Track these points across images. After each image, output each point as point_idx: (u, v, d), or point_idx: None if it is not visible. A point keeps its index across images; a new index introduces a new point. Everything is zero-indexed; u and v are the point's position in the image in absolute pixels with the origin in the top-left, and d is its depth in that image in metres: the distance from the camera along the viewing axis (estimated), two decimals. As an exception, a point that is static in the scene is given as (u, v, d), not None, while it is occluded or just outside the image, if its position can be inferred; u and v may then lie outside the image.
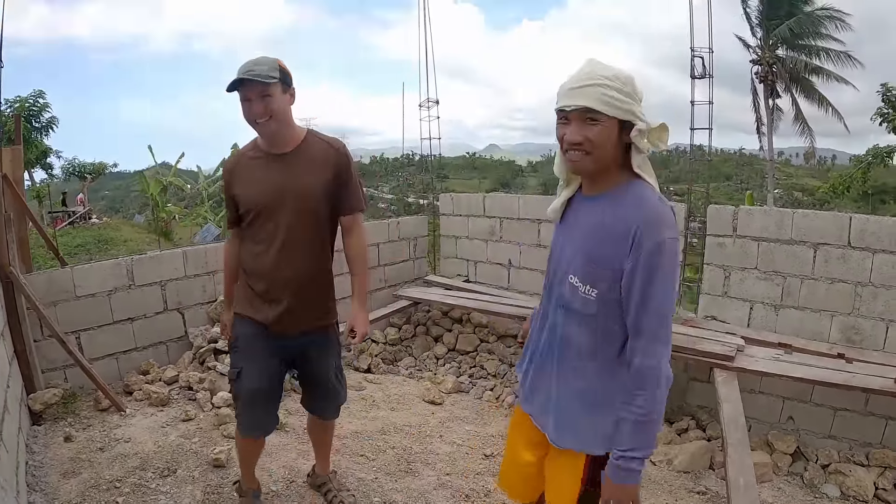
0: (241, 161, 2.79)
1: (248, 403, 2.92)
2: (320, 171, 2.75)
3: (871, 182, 26.10)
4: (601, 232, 1.88)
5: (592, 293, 1.90)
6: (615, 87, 1.77)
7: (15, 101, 18.30)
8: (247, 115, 2.60)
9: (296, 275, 2.78)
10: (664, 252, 1.78)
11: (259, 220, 2.75)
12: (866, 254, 4.79)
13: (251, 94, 2.55)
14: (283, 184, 2.70)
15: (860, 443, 4.78)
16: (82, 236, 17.94)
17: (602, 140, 1.80)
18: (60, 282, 4.75)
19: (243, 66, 2.55)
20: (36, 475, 3.58)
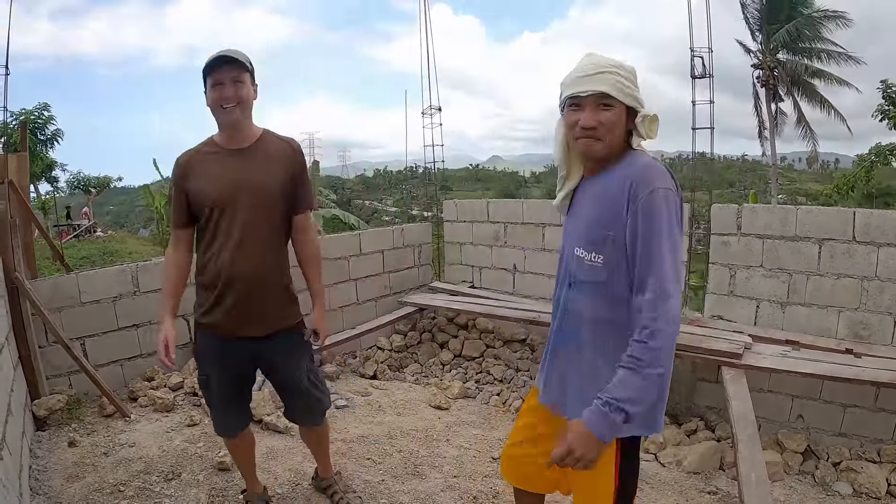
0: (196, 156, 2.74)
1: (219, 408, 3.01)
2: (278, 168, 2.77)
3: (875, 183, 26.07)
4: (600, 199, 1.95)
5: (598, 259, 1.93)
6: (624, 75, 1.90)
7: (20, 113, 18.38)
8: (215, 100, 2.60)
9: (254, 272, 2.74)
10: (656, 199, 1.80)
11: (214, 216, 2.70)
12: (871, 248, 4.76)
13: (224, 78, 2.57)
14: (241, 179, 2.68)
15: (871, 439, 4.74)
16: (87, 249, 18.02)
17: (613, 124, 1.91)
18: (66, 288, 4.77)
19: (216, 53, 2.61)
20: (40, 479, 3.58)
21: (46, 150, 19.94)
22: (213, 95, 2.59)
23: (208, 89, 2.61)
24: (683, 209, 1.91)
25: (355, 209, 52.12)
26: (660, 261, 1.79)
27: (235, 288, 2.71)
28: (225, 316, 2.75)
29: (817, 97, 26.60)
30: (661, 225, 1.79)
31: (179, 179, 2.74)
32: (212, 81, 2.59)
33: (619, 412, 1.76)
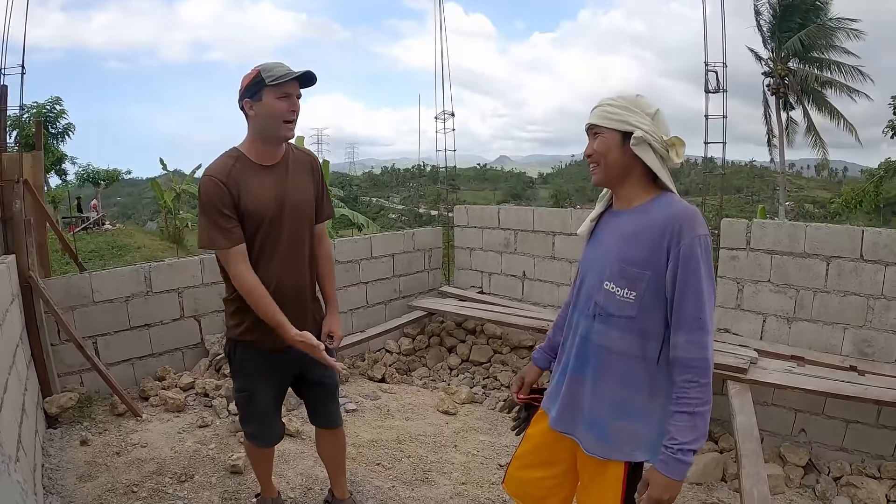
0: (234, 172, 2.60)
1: (264, 421, 2.98)
2: (307, 181, 2.81)
3: (884, 195, 26.02)
4: (637, 237, 2.00)
5: (631, 296, 1.99)
6: (613, 104, 2.03)
7: (32, 106, 18.46)
8: (283, 110, 2.54)
9: (299, 284, 2.80)
10: (700, 246, 1.89)
11: (260, 234, 2.67)
12: (879, 267, 4.79)
13: (294, 91, 2.56)
14: (282, 196, 2.69)
15: (872, 455, 4.77)
16: (96, 242, 18.08)
17: (603, 149, 2.03)
18: (79, 287, 4.82)
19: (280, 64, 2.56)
20: (52, 478, 3.62)
21: (58, 144, 20.01)
22: (280, 107, 2.54)
23: (270, 99, 2.53)
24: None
25: (362, 206, 52.16)
26: (700, 304, 1.89)
27: (284, 302, 2.68)
28: (269, 335, 2.72)
29: (827, 106, 26.57)
30: (700, 270, 1.89)
31: (225, 197, 2.56)
32: (281, 92, 2.52)
33: (689, 453, 1.90)
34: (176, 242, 21.79)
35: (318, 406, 3.15)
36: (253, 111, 2.56)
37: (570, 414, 2.19)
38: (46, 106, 19.35)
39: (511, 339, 6.82)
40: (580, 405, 2.16)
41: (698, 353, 1.90)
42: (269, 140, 2.65)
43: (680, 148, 2.01)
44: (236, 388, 2.96)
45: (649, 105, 2.02)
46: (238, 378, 2.93)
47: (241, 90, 2.58)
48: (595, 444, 2.11)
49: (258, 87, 2.52)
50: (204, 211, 2.58)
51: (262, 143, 2.65)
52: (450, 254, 8.11)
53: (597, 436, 2.11)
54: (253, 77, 2.53)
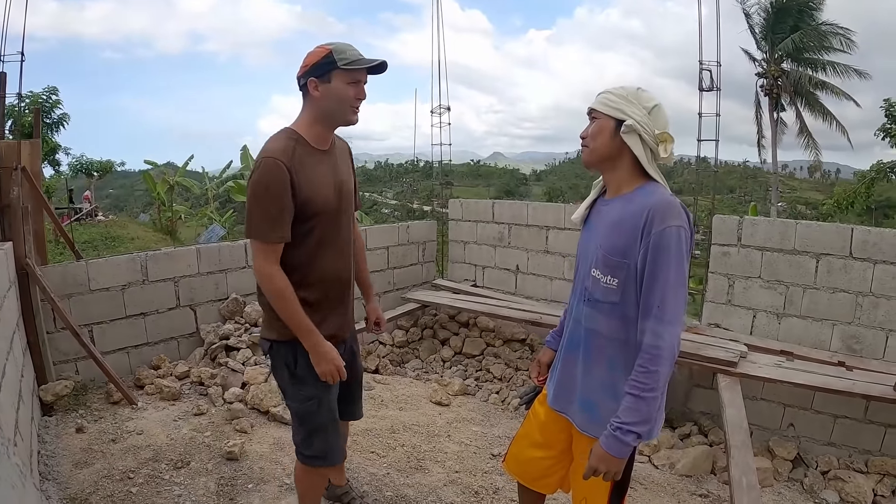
0: (296, 156, 2.41)
1: (332, 431, 2.71)
2: (349, 167, 2.75)
3: (875, 197, 26.14)
4: (618, 226, 2.07)
5: (613, 282, 2.07)
6: (614, 93, 2.11)
7: (27, 95, 18.36)
8: (354, 95, 2.44)
9: (348, 274, 2.73)
10: (669, 236, 1.93)
11: (321, 223, 2.51)
12: (867, 265, 4.85)
13: (366, 78, 2.49)
14: (339, 182, 2.60)
15: (860, 450, 4.84)
16: (89, 233, 18.02)
17: (595, 132, 2.12)
18: (75, 275, 4.83)
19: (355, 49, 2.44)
20: (48, 464, 3.64)
21: (52, 134, 19.91)
22: (353, 91, 2.43)
23: (340, 82, 2.41)
24: (693, 243, 2.04)
25: (355, 201, 52.06)
26: (664, 292, 1.94)
27: (345, 292, 2.68)
28: (339, 323, 2.68)
29: (820, 108, 26.67)
30: (669, 260, 1.93)
31: (287, 185, 2.37)
32: (353, 77, 2.42)
33: (630, 434, 1.96)
34: (169, 234, 21.75)
35: (354, 400, 3.02)
36: (318, 92, 2.42)
37: (564, 393, 2.30)
38: (42, 96, 19.23)
39: (504, 332, 6.86)
40: (573, 385, 2.25)
41: (652, 341, 1.95)
42: (333, 124, 2.54)
43: (669, 144, 2.07)
44: (302, 398, 2.62)
45: (650, 99, 2.09)
46: (305, 385, 2.59)
47: (307, 68, 2.42)
48: (588, 423, 2.21)
49: (328, 68, 2.40)
50: (260, 197, 2.35)
51: (323, 126, 2.52)
52: (444, 248, 8.15)
53: (589, 416, 2.20)
54: (323, 56, 2.40)
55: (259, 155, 2.41)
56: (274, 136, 2.47)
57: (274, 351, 2.62)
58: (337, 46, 2.40)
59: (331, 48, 2.39)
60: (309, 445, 2.69)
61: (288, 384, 2.64)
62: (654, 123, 2.06)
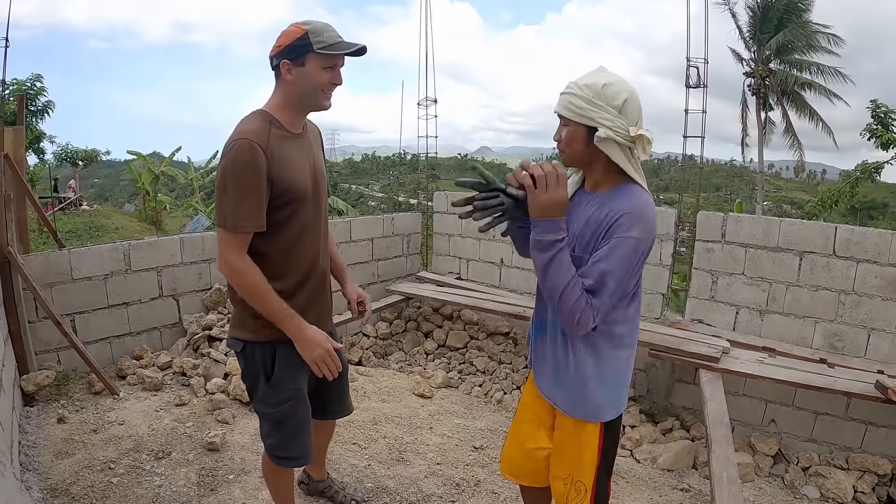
0: (273, 139, 2.25)
1: (303, 431, 2.57)
2: (321, 152, 2.62)
3: (860, 197, 26.34)
4: (591, 223, 2.03)
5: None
6: (581, 95, 1.97)
7: (12, 83, 18.17)
8: (329, 80, 2.30)
9: (325, 263, 2.59)
10: (628, 245, 1.91)
11: (299, 209, 2.37)
12: (850, 263, 4.89)
13: (343, 63, 2.33)
14: (314, 166, 2.45)
15: (840, 447, 4.89)
16: (73, 222, 17.93)
17: (568, 139, 2.03)
18: (58, 264, 4.79)
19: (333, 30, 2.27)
20: (29, 455, 3.62)
21: (36, 122, 19.73)
22: (328, 76, 2.29)
23: (314, 67, 2.26)
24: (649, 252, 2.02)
25: (341, 193, 52.01)
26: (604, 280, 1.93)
27: (324, 283, 2.55)
28: (317, 313, 2.52)
29: (807, 108, 26.83)
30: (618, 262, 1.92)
31: (263, 169, 2.20)
32: (330, 62, 2.27)
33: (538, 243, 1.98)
34: (154, 224, 21.65)
35: (339, 396, 2.88)
36: (291, 75, 2.27)
37: (544, 370, 2.30)
38: (27, 83, 19.03)
39: (488, 325, 6.87)
40: (553, 362, 2.24)
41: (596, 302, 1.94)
42: (304, 109, 2.39)
43: (647, 144, 1.99)
44: (277, 402, 2.47)
45: (617, 94, 1.95)
46: (279, 388, 2.46)
47: (280, 48, 2.25)
48: (563, 403, 2.23)
49: (303, 51, 2.23)
50: (234, 183, 2.17)
51: (294, 110, 2.37)
52: (428, 241, 8.14)
53: (565, 396, 2.22)
54: (298, 37, 2.23)
55: (231, 137, 2.21)
56: (246, 118, 2.31)
57: (247, 352, 2.44)
58: (314, 27, 2.24)
59: (307, 28, 2.23)
60: (284, 447, 2.57)
61: (263, 388, 2.47)
62: (627, 121, 1.96)
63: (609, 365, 2.14)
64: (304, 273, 2.44)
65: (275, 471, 2.71)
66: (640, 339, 5.09)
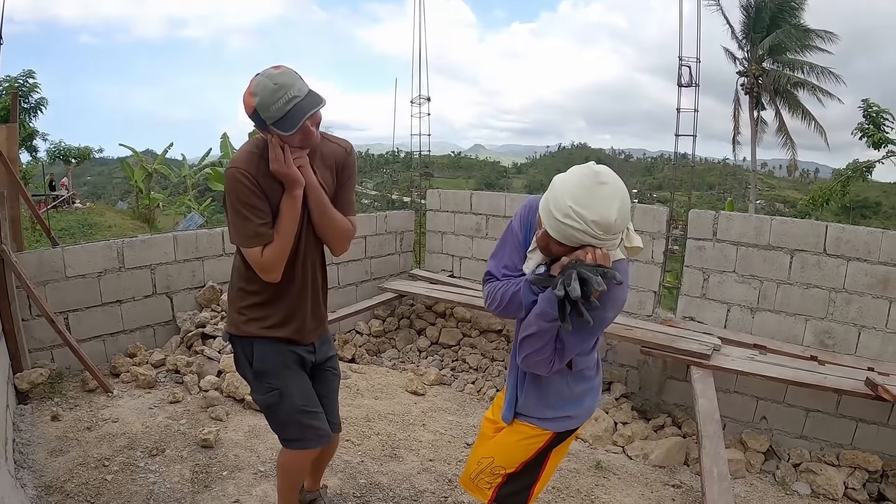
0: (260, 165, 2.36)
1: (300, 417, 2.66)
2: (330, 171, 2.59)
3: (852, 196, 26.42)
4: None
5: None
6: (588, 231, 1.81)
7: (4, 79, 18.04)
8: (301, 144, 2.34)
9: (315, 276, 2.66)
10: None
11: None
12: (841, 261, 4.93)
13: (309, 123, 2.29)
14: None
15: (831, 444, 4.93)
16: (66, 220, 17.85)
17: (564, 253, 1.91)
18: (51, 262, 4.79)
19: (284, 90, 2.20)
20: (24, 453, 3.62)
21: (29, 119, 19.58)
22: (298, 140, 2.31)
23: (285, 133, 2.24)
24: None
25: (335, 191, 51.86)
26: None
27: (310, 292, 2.61)
28: (299, 328, 2.60)
29: (799, 107, 26.89)
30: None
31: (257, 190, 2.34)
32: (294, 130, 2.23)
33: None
34: (147, 222, 21.58)
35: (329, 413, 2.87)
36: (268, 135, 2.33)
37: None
38: (19, 79, 18.87)
39: (480, 323, 6.89)
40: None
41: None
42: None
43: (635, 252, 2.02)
44: (263, 390, 2.62)
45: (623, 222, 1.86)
46: (263, 378, 2.60)
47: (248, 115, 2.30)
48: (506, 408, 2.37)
49: (263, 125, 2.27)
50: (233, 206, 2.34)
51: None
52: (421, 238, 8.16)
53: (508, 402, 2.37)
54: (251, 113, 2.26)
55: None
56: (241, 147, 2.46)
57: (234, 345, 2.65)
58: (260, 100, 2.20)
59: (254, 104, 2.22)
60: (283, 430, 2.72)
61: (250, 378, 2.65)
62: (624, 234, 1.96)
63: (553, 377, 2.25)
64: (285, 286, 2.52)
65: (284, 467, 2.82)
66: (632, 337, 5.15)
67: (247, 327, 2.55)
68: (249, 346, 2.59)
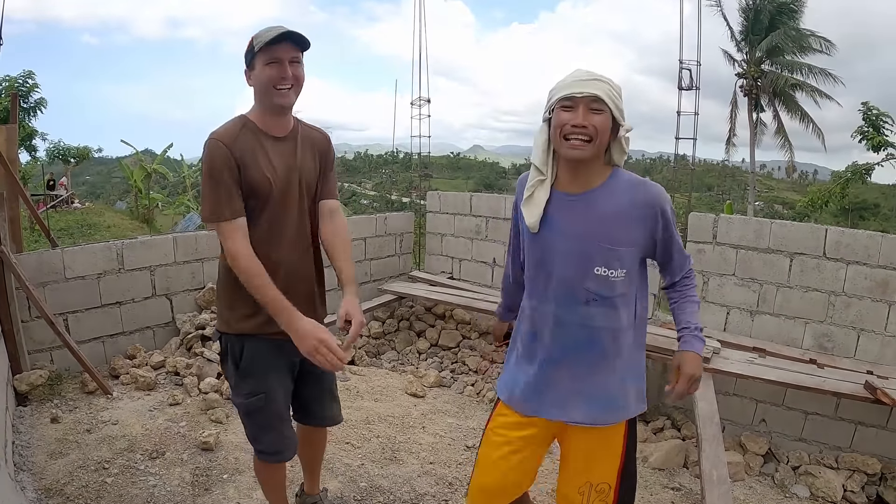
0: (242, 139, 2.38)
1: (279, 426, 2.64)
2: (313, 156, 2.61)
3: (851, 198, 26.45)
4: (620, 218, 2.08)
5: (622, 273, 2.12)
6: (615, 88, 2.01)
7: (4, 79, 18.07)
8: (270, 78, 2.34)
9: (307, 266, 2.63)
10: (672, 208, 2.17)
11: (269, 208, 2.45)
12: (840, 265, 4.93)
13: (283, 55, 2.33)
14: (293, 168, 2.49)
15: (830, 446, 4.92)
16: (65, 220, 17.83)
17: (604, 128, 1.99)
18: (50, 263, 4.79)
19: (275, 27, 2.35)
20: (23, 455, 3.62)
21: (29, 119, 19.58)
22: (268, 73, 2.34)
23: (259, 66, 2.34)
24: None
25: (334, 192, 52.00)
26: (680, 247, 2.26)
27: (293, 285, 2.48)
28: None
29: (798, 109, 26.93)
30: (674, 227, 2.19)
31: (230, 162, 2.33)
32: (267, 58, 2.32)
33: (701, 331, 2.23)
34: (146, 222, 21.58)
35: (322, 404, 2.87)
36: (250, 80, 2.41)
37: (561, 401, 2.20)
38: (19, 79, 18.88)
39: (480, 325, 6.89)
40: (566, 386, 2.19)
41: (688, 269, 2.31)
42: (268, 109, 2.44)
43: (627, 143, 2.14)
44: (246, 393, 2.55)
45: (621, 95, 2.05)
46: (247, 380, 2.54)
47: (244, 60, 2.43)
48: (602, 414, 2.19)
49: (251, 55, 2.36)
50: (208, 178, 2.33)
51: (266, 114, 2.45)
52: (420, 240, 8.16)
53: (602, 407, 2.18)
54: (248, 45, 2.37)
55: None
56: (225, 122, 2.47)
57: (223, 343, 2.59)
58: (258, 32, 2.36)
59: (254, 35, 2.37)
60: (258, 441, 2.66)
61: (233, 377, 2.58)
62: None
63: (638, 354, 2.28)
64: (278, 275, 2.41)
65: (260, 468, 2.81)
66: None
67: (239, 325, 2.49)
68: (240, 345, 2.52)
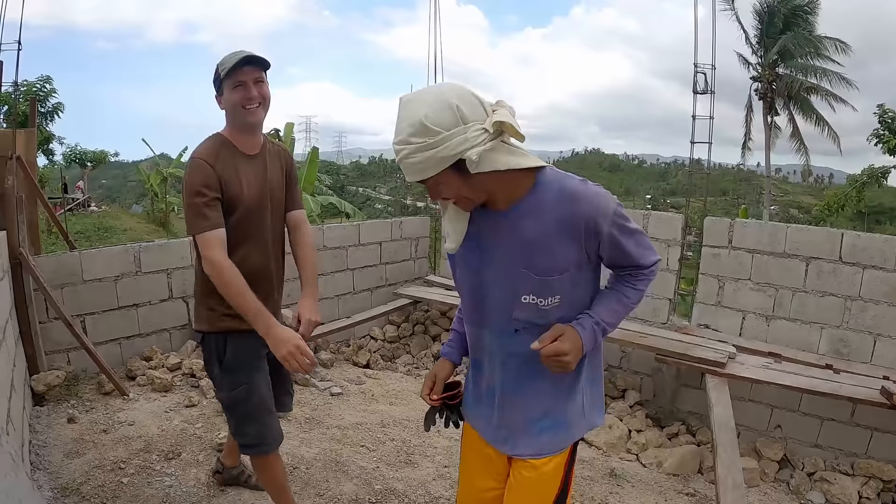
0: (221, 157, 2.53)
1: (263, 417, 2.73)
2: (280, 172, 2.79)
3: (867, 202, 26.24)
4: (543, 243, 1.77)
5: (556, 299, 1.82)
6: (413, 149, 1.60)
7: (22, 84, 18.27)
8: (238, 101, 2.49)
9: (277, 270, 2.81)
10: (618, 216, 1.75)
11: (244, 220, 2.60)
12: (857, 269, 4.90)
13: (247, 78, 2.48)
14: (265, 184, 2.67)
15: (846, 453, 4.89)
16: (82, 223, 17.98)
17: (454, 191, 1.71)
18: (68, 265, 4.83)
19: (236, 52, 2.50)
20: (40, 454, 3.65)
21: (46, 124, 19.79)
22: (236, 96, 2.48)
23: (227, 90, 2.50)
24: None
25: (348, 195, 52.06)
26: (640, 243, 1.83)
27: (265, 288, 2.66)
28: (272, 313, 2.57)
29: (813, 113, 26.75)
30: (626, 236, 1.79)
31: (213, 180, 2.47)
32: (233, 82, 2.47)
33: (602, 333, 1.85)
34: (162, 226, 21.71)
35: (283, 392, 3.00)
36: (221, 104, 2.57)
37: (512, 436, 2.02)
38: (36, 84, 19.10)
39: (495, 330, 6.87)
40: (518, 418, 2.00)
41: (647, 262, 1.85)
42: (239, 129, 2.59)
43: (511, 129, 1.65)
44: (230, 385, 2.68)
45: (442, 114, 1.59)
46: (232, 373, 2.68)
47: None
48: (550, 443, 1.98)
49: (218, 82, 2.53)
50: (195, 194, 2.45)
51: (238, 133, 2.61)
52: (436, 244, 8.17)
53: (550, 436, 1.97)
54: (214, 73, 2.53)
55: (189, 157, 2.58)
56: (204, 140, 2.62)
57: (205, 342, 2.70)
58: (223, 59, 2.51)
59: (219, 62, 2.52)
60: (243, 434, 2.76)
61: (218, 374, 2.71)
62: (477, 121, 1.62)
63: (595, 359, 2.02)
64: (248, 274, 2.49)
65: (257, 466, 2.91)
66: (647, 344, 5.14)
67: (221, 323, 2.63)
68: (223, 343, 2.66)
